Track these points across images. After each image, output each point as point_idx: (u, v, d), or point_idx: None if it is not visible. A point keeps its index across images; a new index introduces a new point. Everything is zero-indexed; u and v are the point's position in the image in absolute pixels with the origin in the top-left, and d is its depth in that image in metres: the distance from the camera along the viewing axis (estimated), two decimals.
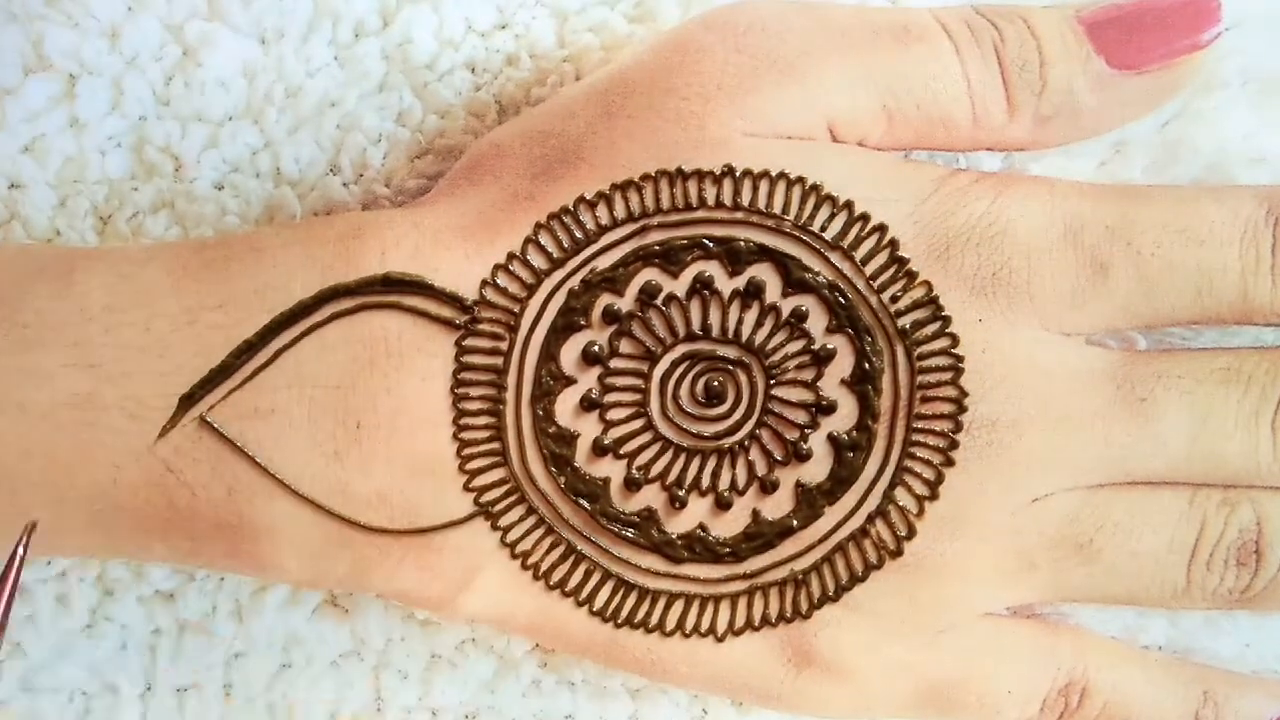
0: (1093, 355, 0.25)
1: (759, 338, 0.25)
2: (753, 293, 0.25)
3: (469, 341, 0.24)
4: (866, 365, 0.25)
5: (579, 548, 0.25)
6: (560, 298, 0.25)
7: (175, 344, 0.24)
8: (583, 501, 0.25)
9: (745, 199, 0.24)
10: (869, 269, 0.24)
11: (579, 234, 0.24)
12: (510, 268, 0.24)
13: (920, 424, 0.25)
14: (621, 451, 0.25)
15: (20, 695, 0.28)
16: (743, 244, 0.24)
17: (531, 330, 0.25)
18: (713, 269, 0.25)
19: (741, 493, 0.25)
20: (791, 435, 0.25)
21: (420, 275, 0.24)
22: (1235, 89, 0.27)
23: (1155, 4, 0.25)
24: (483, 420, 0.24)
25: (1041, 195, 0.25)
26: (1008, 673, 0.26)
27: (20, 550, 0.23)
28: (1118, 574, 0.25)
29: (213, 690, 0.28)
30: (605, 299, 0.25)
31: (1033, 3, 0.26)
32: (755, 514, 0.25)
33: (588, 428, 0.25)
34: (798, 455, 0.25)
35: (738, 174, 0.24)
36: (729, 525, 0.25)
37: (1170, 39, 0.25)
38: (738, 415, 0.25)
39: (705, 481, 0.25)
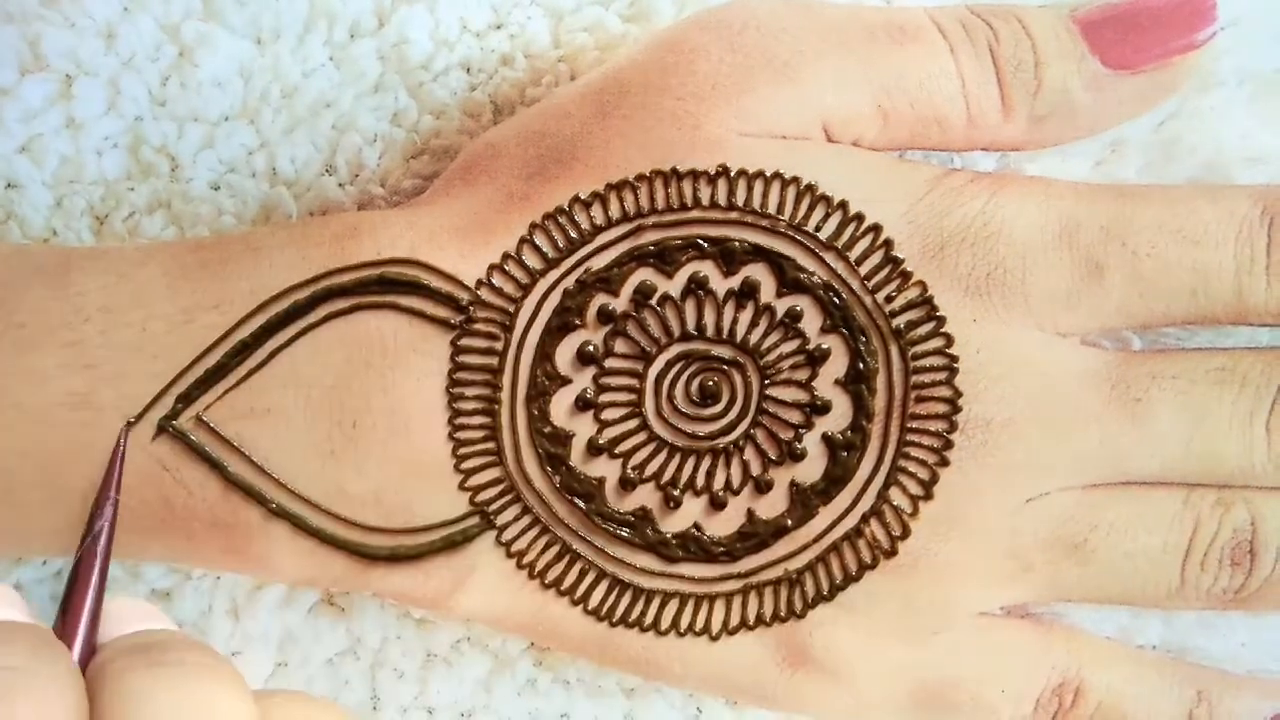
0: (1088, 355, 0.25)
1: (754, 338, 0.25)
2: (747, 293, 0.25)
3: (464, 341, 0.24)
4: (861, 365, 0.25)
5: (574, 547, 0.25)
6: (555, 298, 0.25)
7: (171, 344, 0.24)
8: (578, 501, 0.25)
9: (740, 199, 0.24)
10: (864, 269, 0.24)
11: (574, 234, 0.24)
12: (505, 268, 0.24)
13: (915, 424, 0.25)
14: (616, 451, 0.25)
15: None
16: (737, 244, 0.24)
17: (527, 330, 0.25)
18: (707, 269, 0.25)
19: (736, 492, 0.25)
20: (786, 435, 0.25)
21: (415, 275, 0.24)
22: (1231, 88, 0.27)
23: (1151, 3, 0.25)
24: (478, 420, 0.24)
25: (1037, 195, 0.25)
26: (1001, 673, 0.26)
27: (122, 445, 0.23)
28: (1112, 574, 0.25)
29: None
30: (600, 299, 0.25)
31: (1028, 2, 0.26)
32: (750, 514, 0.25)
33: (583, 427, 0.25)
34: (792, 455, 0.25)
35: (733, 174, 0.24)
36: (724, 525, 0.25)
37: (1166, 39, 0.25)
38: (732, 415, 0.25)
39: (700, 481, 0.25)
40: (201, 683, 0.19)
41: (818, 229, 0.24)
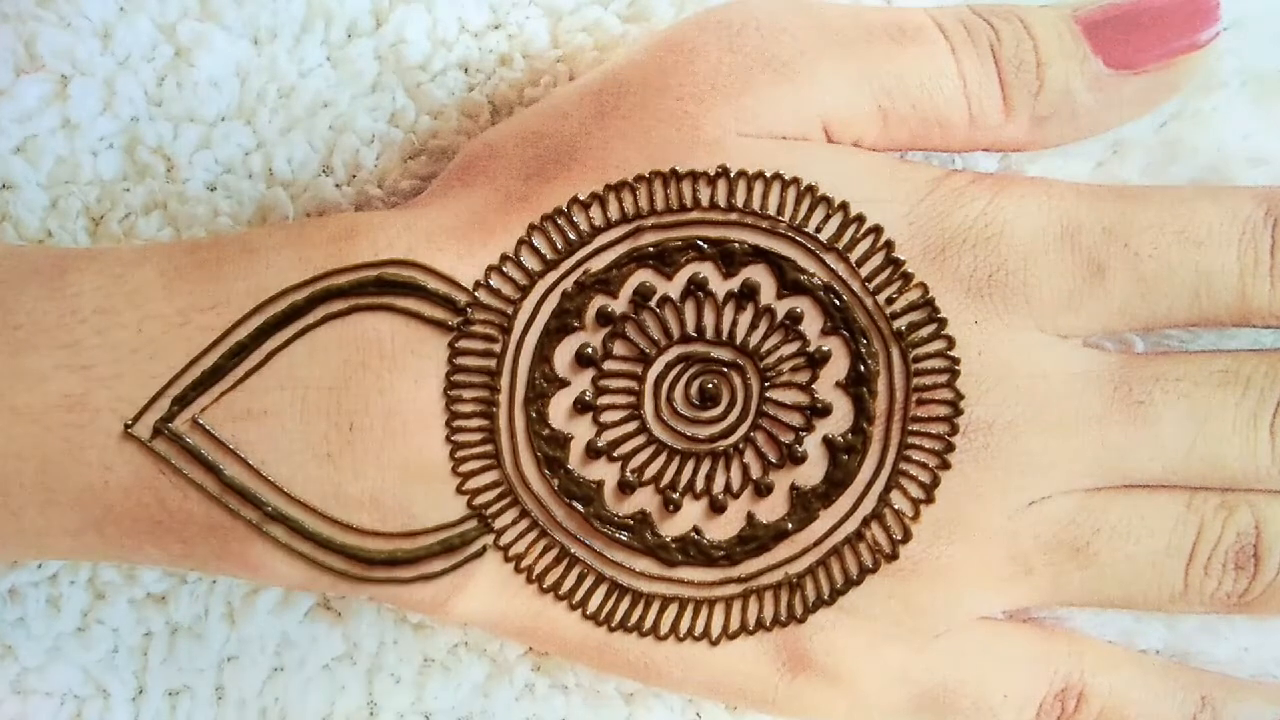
0: (1090, 357, 0.25)
1: (753, 340, 0.25)
2: (747, 294, 0.24)
3: (462, 343, 0.24)
4: (862, 367, 0.24)
5: (572, 551, 0.25)
6: (554, 299, 0.24)
7: (167, 345, 0.24)
8: (576, 504, 0.25)
9: (740, 200, 0.24)
10: (864, 270, 0.24)
11: (572, 235, 0.24)
12: (503, 269, 0.24)
13: (916, 427, 0.24)
14: (615, 454, 0.25)
15: (11, 698, 0.28)
16: (737, 245, 0.24)
17: (525, 332, 0.24)
18: (707, 270, 0.24)
19: (736, 496, 0.25)
20: (786, 438, 0.25)
21: (413, 277, 0.24)
22: (1234, 89, 0.27)
23: (1153, 3, 0.25)
24: (476, 423, 0.24)
25: (1038, 196, 0.25)
26: (1003, 677, 0.26)
27: None
28: (1114, 577, 0.25)
29: (204, 693, 0.28)
30: (599, 301, 0.24)
31: (1030, 2, 0.26)
32: (750, 517, 0.25)
33: (581, 430, 0.25)
34: (792, 458, 0.25)
35: (732, 175, 0.24)
36: (723, 528, 0.25)
37: (1168, 39, 0.25)
38: (732, 418, 0.25)
39: (699, 484, 0.25)
40: None
41: (818, 230, 0.24)
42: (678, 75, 0.24)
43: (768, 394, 0.25)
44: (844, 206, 0.24)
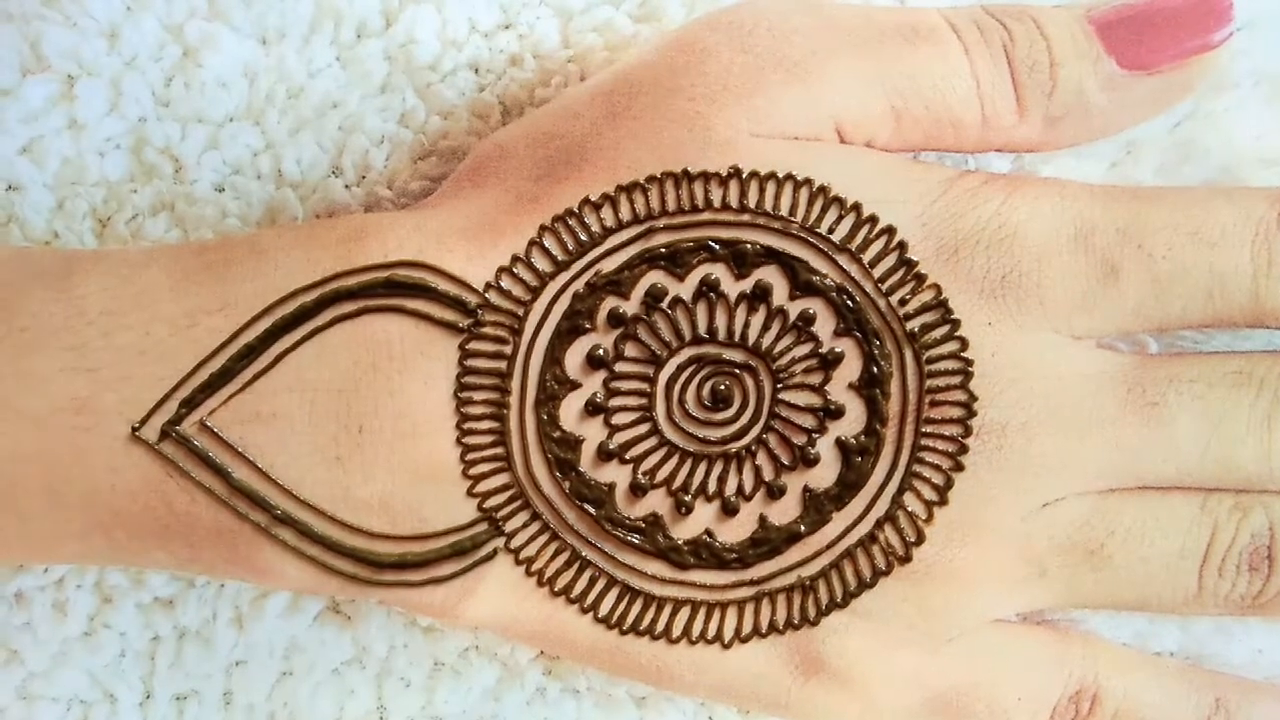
0: (1103, 359, 0.25)
1: (766, 341, 0.24)
2: (759, 295, 0.24)
3: (472, 345, 0.24)
4: (875, 369, 0.24)
5: (584, 554, 0.25)
6: (565, 301, 0.24)
7: (175, 348, 0.24)
8: (588, 507, 0.25)
9: (752, 201, 0.24)
10: (877, 271, 0.24)
11: (584, 236, 0.24)
12: (514, 270, 0.24)
13: (929, 428, 0.24)
14: (627, 456, 0.25)
15: (17, 703, 0.28)
16: (749, 246, 0.24)
17: (536, 333, 0.24)
18: (719, 271, 0.24)
19: (748, 498, 0.25)
20: (799, 440, 0.25)
21: (423, 278, 0.24)
22: (1247, 90, 0.27)
23: (1166, 4, 0.25)
24: (486, 425, 0.24)
25: (1052, 197, 0.25)
26: (1017, 680, 0.26)
27: None
28: (1128, 579, 0.25)
29: (212, 698, 0.28)
30: (610, 302, 0.24)
31: (1043, 2, 0.26)
32: (762, 520, 0.25)
33: (592, 432, 0.25)
34: (805, 460, 0.25)
35: (744, 175, 0.24)
36: (735, 531, 0.25)
37: (1181, 39, 0.25)
38: (744, 420, 0.25)
39: (711, 487, 0.25)
40: None
41: (831, 231, 0.24)
42: (689, 76, 0.24)
43: (780, 396, 0.25)
44: (856, 207, 0.24)
